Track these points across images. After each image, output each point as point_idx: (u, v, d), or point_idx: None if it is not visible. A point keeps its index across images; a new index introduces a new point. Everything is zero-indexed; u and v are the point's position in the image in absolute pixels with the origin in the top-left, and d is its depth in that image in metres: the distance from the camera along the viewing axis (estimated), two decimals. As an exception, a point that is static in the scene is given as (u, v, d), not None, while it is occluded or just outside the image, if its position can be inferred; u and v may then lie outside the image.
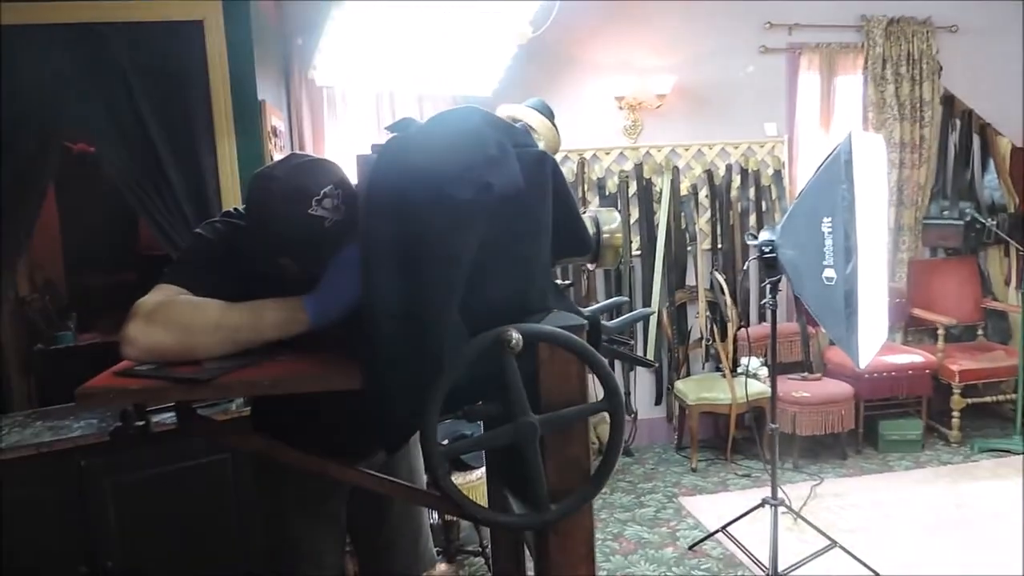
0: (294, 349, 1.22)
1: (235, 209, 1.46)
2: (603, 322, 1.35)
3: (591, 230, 1.32)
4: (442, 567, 3.12)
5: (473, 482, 2.81)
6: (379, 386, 1.09)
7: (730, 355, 4.23)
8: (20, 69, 2.74)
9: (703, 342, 4.45)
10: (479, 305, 1.12)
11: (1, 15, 2.64)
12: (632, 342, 4.38)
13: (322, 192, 1.24)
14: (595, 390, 1.10)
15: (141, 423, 1.33)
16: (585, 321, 1.15)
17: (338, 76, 3.54)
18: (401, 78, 3.59)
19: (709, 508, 3.57)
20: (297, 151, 3.19)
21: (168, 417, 2.02)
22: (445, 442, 1.11)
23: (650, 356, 4.42)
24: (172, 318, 1.18)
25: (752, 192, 4.50)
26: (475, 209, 1.08)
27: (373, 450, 1.67)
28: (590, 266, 1.42)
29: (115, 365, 1.20)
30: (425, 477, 1.93)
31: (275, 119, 3.36)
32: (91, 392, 1.10)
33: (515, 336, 1.01)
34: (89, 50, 2.77)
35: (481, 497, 2.33)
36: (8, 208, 2.77)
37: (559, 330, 1.06)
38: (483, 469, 2.73)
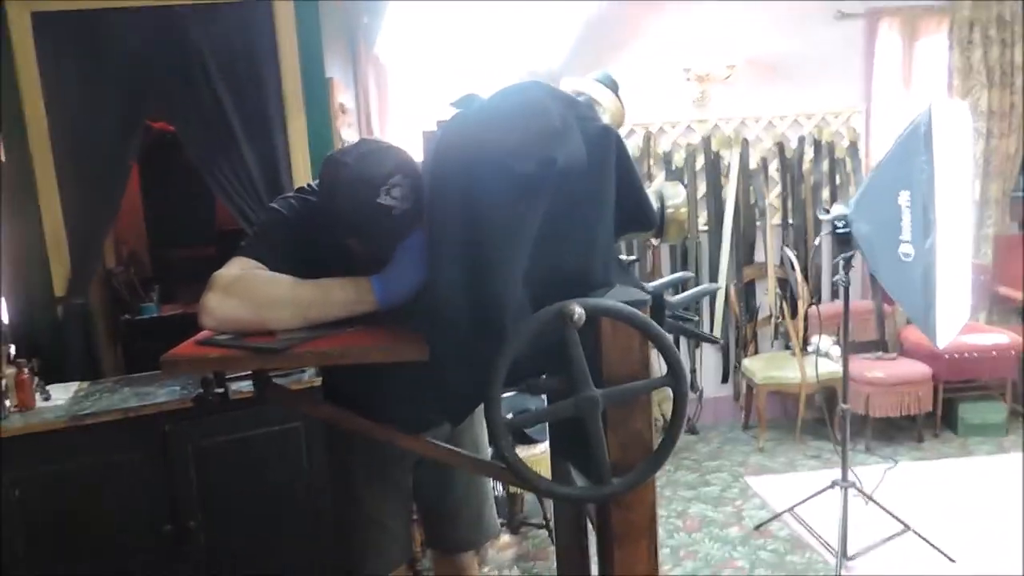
0: (364, 321, 1.26)
1: (309, 185, 1.50)
2: (667, 297, 1.34)
3: (655, 205, 1.30)
4: (505, 538, 3.17)
5: (537, 455, 2.84)
6: (444, 358, 1.11)
7: (800, 333, 4.12)
8: (103, 50, 2.86)
9: (772, 320, 4.35)
10: (542, 279, 1.13)
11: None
12: (697, 318, 4.31)
13: (390, 181, 1.26)
14: (660, 365, 1.10)
15: (220, 390, 1.40)
16: (648, 296, 1.15)
17: (404, 53, 3.57)
18: (467, 54, 3.59)
19: (776, 489, 3.52)
20: (367, 136, 3.24)
21: (246, 385, 2.11)
22: (509, 415, 1.13)
23: (716, 333, 4.35)
24: (247, 291, 1.23)
25: (826, 165, 4.34)
26: (538, 183, 1.08)
27: (439, 421, 1.71)
28: (654, 241, 1.41)
29: (196, 335, 1.26)
30: (489, 449, 1.96)
31: (343, 96, 3.42)
32: (174, 360, 1.16)
33: (578, 310, 1.02)
34: (168, 32, 2.87)
35: (545, 470, 2.36)
36: (95, 185, 2.91)
37: (622, 304, 1.06)
38: (547, 443, 2.75)
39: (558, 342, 1.05)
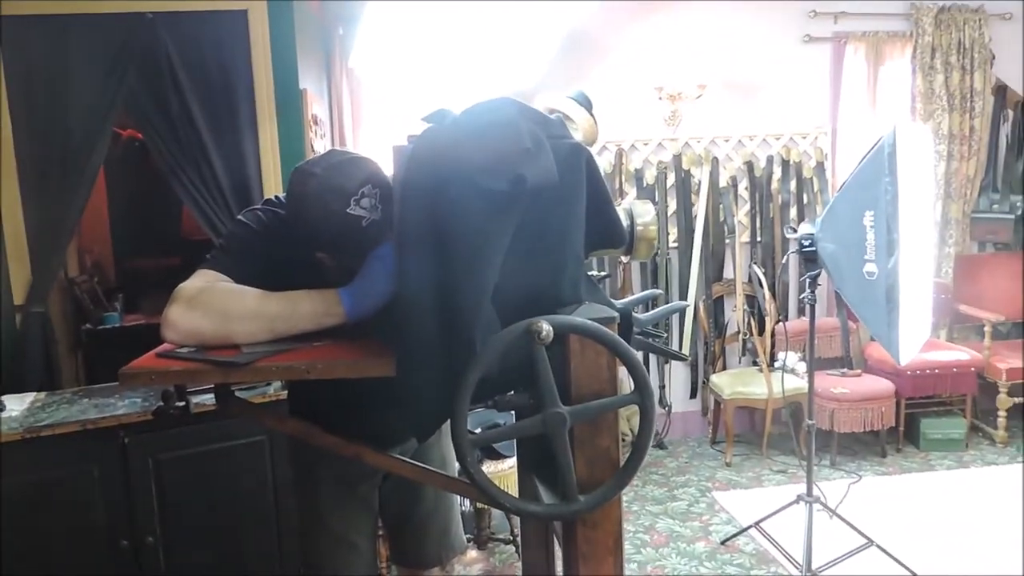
0: (330, 336, 1.24)
1: (276, 197, 1.49)
2: (636, 315, 1.35)
3: (625, 222, 1.31)
4: (472, 553, 3.15)
5: (505, 471, 2.83)
6: (411, 374, 1.10)
7: (767, 349, 4.17)
8: (71, 55, 2.81)
9: (740, 336, 4.40)
10: (511, 295, 1.13)
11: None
12: (665, 335, 4.34)
13: (360, 192, 1.26)
14: (628, 382, 1.10)
15: (182, 403, 1.37)
16: (616, 314, 1.15)
17: (378, 66, 3.56)
18: (441, 69, 3.60)
19: (743, 503, 3.54)
20: (337, 147, 3.23)
21: (208, 398, 2.08)
22: (478, 430, 1.12)
23: (685, 349, 4.38)
24: (211, 304, 1.21)
25: (793, 184, 4.42)
26: (509, 200, 1.08)
27: (406, 437, 1.69)
28: (624, 259, 1.42)
29: (158, 347, 1.23)
30: (457, 464, 1.95)
31: (316, 107, 3.40)
32: (134, 372, 1.14)
33: (545, 327, 1.02)
34: (138, 38, 2.84)
35: (512, 486, 2.35)
36: (59, 191, 2.86)
37: (589, 322, 1.06)
38: (515, 458, 2.75)
39: (526, 359, 1.05)
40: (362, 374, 1.15)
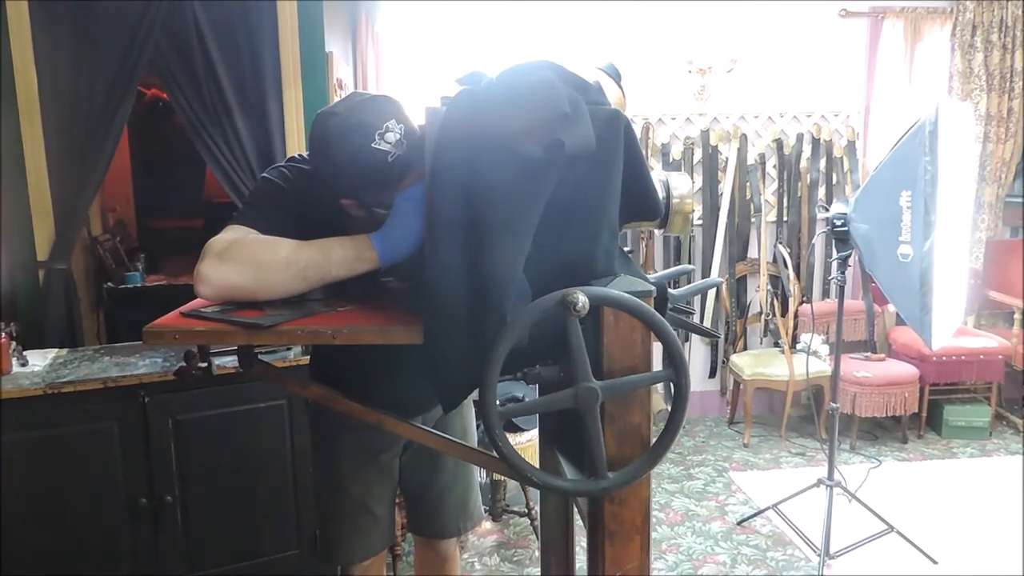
0: (358, 301, 1.22)
1: (299, 155, 1.47)
2: (669, 290, 1.31)
3: (660, 194, 1.27)
4: (487, 525, 3.16)
5: (523, 444, 2.82)
6: (440, 343, 1.07)
7: (790, 331, 4.12)
8: (98, 15, 2.78)
9: (762, 316, 4.34)
10: (544, 265, 1.09)
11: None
12: (694, 311, 4.30)
13: (384, 126, 1.23)
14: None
15: (204, 364, 1.36)
16: (653, 287, 1.11)
17: (405, 30, 3.51)
18: (468, 37, 3.54)
19: (760, 485, 3.52)
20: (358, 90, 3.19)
21: (230, 361, 2.07)
22: (500, 404, 1.09)
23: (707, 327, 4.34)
24: (243, 255, 1.19)
25: (823, 163, 4.33)
26: (545, 166, 1.04)
27: (429, 406, 1.68)
28: (658, 232, 1.38)
29: (181, 306, 1.21)
30: (477, 436, 1.94)
31: (341, 71, 3.35)
32: (159, 331, 1.12)
33: (581, 298, 0.98)
34: (163, 2, 2.80)
35: (532, 459, 2.33)
36: (83, 149, 2.84)
37: (626, 295, 1.03)
38: (534, 431, 2.73)
39: (557, 330, 1.02)
40: (389, 340, 1.12)
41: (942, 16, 4.28)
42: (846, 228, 2.58)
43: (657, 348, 1.08)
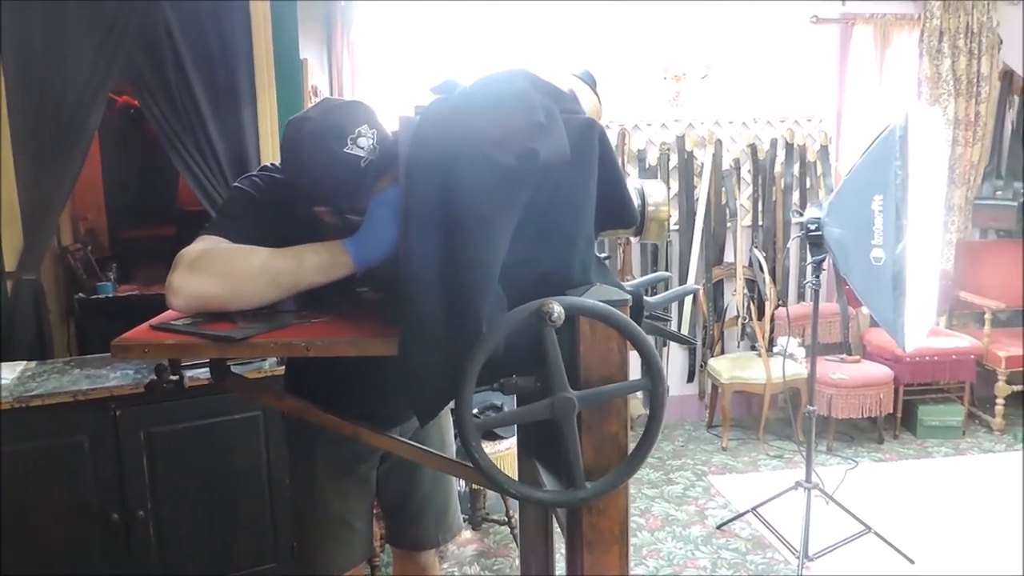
0: (332, 313, 1.20)
1: (272, 164, 1.45)
2: (645, 298, 1.31)
3: (636, 202, 1.27)
4: (467, 534, 3.14)
5: (501, 452, 2.80)
6: (415, 354, 1.06)
7: (766, 334, 4.15)
8: (68, 21, 2.74)
9: (739, 320, 4.37)
10: (519, 275, 1.09)
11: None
12: (670, 318, 4.32)
13: (357, 131, 1.23)
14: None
15: (175, 377, 1.33)
16: (629, 296, 1.11)
17: (381, 38, 3.50)
18: (445, 45, 3.54)
19: (739, 488, 3.54)
20: (331, 96, 3.17)
21: (203, 372, 2.04)
22: (476, 413, 1.09)
23: (684, 333, 4.36)
24: (215, 265, 1.17)
25: (797, 168, 4.37)
26: (519, 176, 1.03)
27: (406, 417, 1.66)
28: (633, 239, 1.38)
29: (153, 317, 1.19)
30: (455, 446, 1.92)
31: (317, 78, 3.33)
32: (127, 344, 1.09)
33: (557, 308, 0.98)
34: (136, 4, 2.76)
35: (510, 467, 2.33)
36: (52, 157, 2.79)
37: (602, 304, 1.02)
38: (512, 440, 2.72)
39: (533, 341, 1.01)
40: (363, 352, 1.11)
41: (910, 22, 4.35)
42: (820, 232, 2.61)
43: (634, 356, 1.08)
